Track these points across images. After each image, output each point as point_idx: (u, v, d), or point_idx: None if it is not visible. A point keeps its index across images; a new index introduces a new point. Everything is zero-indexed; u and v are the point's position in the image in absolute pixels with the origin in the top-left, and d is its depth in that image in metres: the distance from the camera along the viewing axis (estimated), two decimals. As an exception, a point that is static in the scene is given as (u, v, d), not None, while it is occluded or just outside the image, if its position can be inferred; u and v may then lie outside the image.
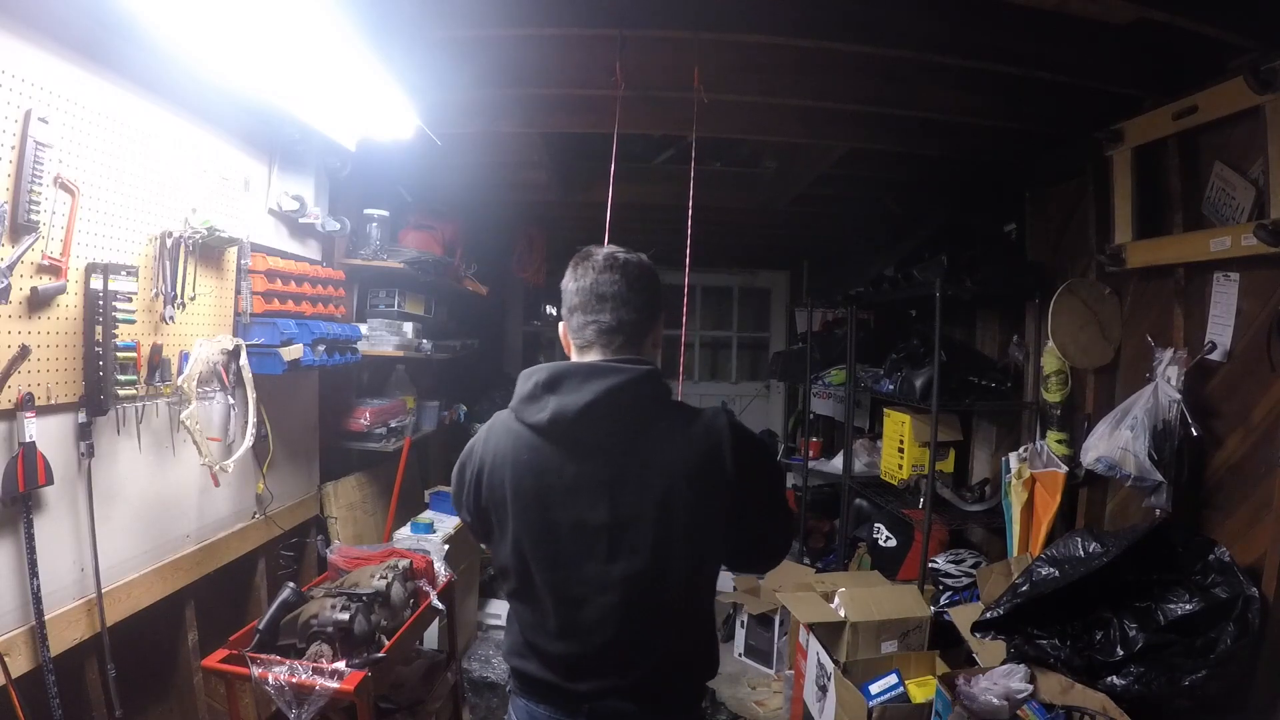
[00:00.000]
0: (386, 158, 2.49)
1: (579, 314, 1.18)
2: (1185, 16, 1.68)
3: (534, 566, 1.16)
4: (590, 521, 1.12)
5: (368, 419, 2.79)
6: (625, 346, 1.17)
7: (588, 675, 1.16)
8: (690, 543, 1.12)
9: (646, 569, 1.11)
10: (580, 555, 1.13)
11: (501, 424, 1.21)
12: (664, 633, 1.16)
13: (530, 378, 1.16)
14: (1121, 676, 1.76)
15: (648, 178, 3.56)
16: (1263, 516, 1.79)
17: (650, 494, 1.11)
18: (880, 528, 3.31)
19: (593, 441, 1.13)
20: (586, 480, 1.12)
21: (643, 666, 1.16)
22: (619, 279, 1.16)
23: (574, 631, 1.15)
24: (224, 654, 1.71)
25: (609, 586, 1.12)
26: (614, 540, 1.12)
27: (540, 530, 1.14)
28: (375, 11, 1.65)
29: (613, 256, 1.18)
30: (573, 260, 1.21)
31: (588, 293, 1.17)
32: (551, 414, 1.11)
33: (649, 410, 1.14)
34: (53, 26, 1.40)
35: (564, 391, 1.11)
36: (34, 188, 1.34)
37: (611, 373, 1.12)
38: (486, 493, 1.19)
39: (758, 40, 2.01)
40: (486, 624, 3.40)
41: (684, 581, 1.14)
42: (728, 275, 6.11)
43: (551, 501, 1.13)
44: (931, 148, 2.67)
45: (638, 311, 1.17)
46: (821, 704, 2.37)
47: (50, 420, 1.45)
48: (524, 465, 1.15)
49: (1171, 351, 2.04)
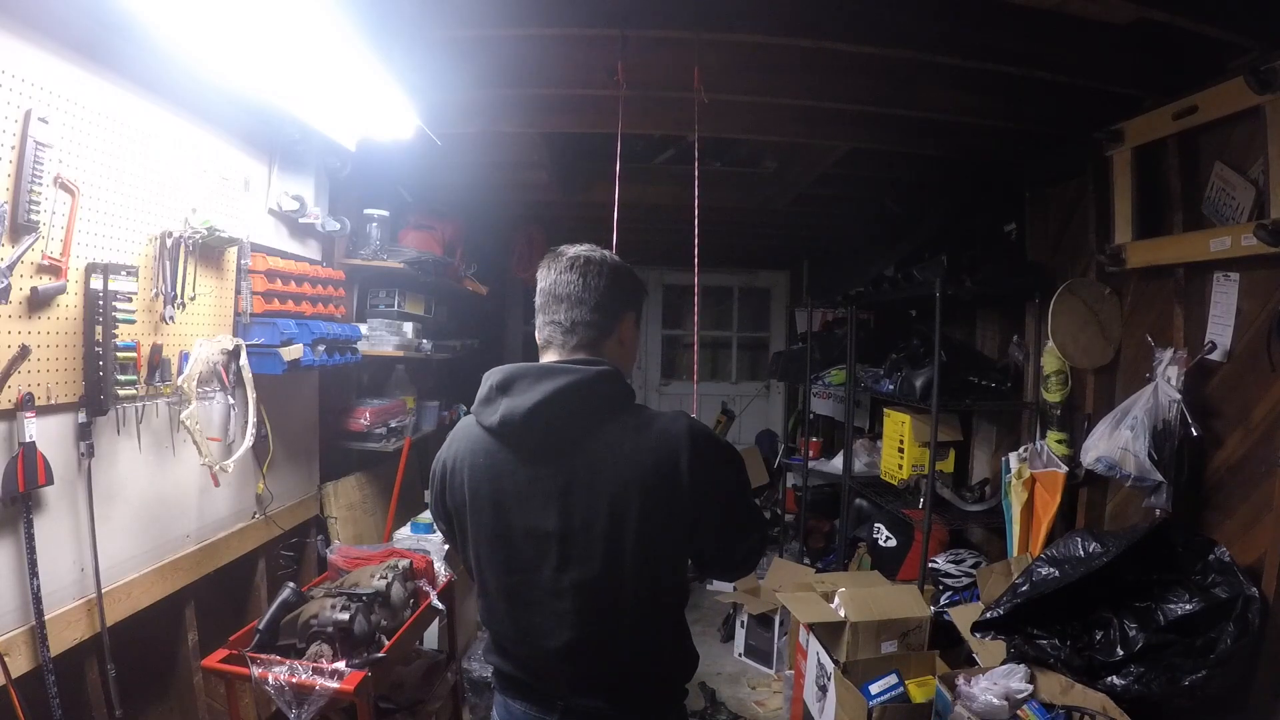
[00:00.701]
0: (386, 158, 2.49)
1: (540, 314, 1.18)
2: (1185, 17, 1.68)
3: (490, 571, 1.15)
4: (541, 527, 1.10)
5: (368, 419, 2.79)
6: (581, 347, 1.15)
7: (551, 677, 1.16)
8: (645, 551, 1.08)
9: (598, 576, 1.08)
10: (533, 561, 1.11)
11: (464, 427, 1.20)
12: (624, 637, 1.13)
13: (487, 380, 1.14)
14: (1121, 676, 1.76)
15: (648, 178, 3.56)
16: (1263, 516, 1.79)
17: (600, 501, 1.07)
18: (880, 528, 3.31)
19: (541, 445, 1.10)
20: (538, 485, 1.10)
21: (606, 670, 1.14)
22: (577, 279, 1.15)
23: (529, 636, 1.14)
24: (224, 654, 1.71)
25: (561, 593, 1.10)
26: (565, 547, 1.09)
27: (494, 535, 1.13)
28: (375, 11, 1.65)
29: (576, 256, 1.17)
30: (543, 259, 1.20)
31: (548, 293, 1.17)
32: (501, 416, 1.09)
33: (600, 413, 1.10)
34: (53, 26, 1.40)
35: (515, 393, 1.10)
36: (34, 188, 1.34)
37: (561, 373, 1.09)
38: (450, 495, 1.19)
39: (758, 40, 2.00)
40: (486, 624, 3.39)
41: (641, 588, 1.10)
42: (728, 275, 6.11)
43: (505, 506, 1.12)
44: (931, 148, 2.67)
45: (594, 312, 1.15)
46: (821, 704, 2.37)
47: (50, 420, 1.45)
48: (480, 469, 1.14)
49: (1171, 351, 2.04)
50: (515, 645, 1.17)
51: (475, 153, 2.99)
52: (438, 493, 1.23)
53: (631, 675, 1.16)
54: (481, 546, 1.15)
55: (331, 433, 2.76)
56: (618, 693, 1.15)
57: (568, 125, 2.59)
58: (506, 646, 1.20)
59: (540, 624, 1.12)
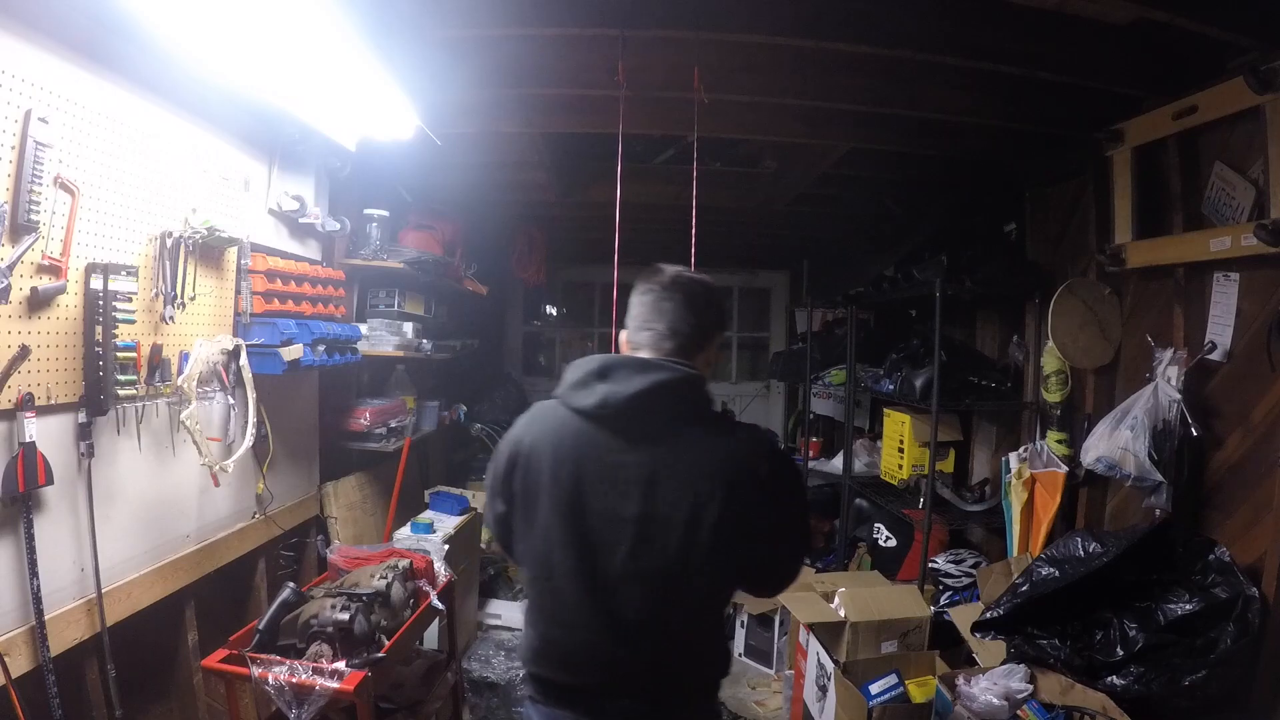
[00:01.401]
0: (386, 158, 2.49)
1: (638, 321, 1.24)
2: (1185, 16, 1.68)
3: (562, 553, 1.17)
4: (621, 512, 1.14)
5: (368, 419, 2.79)
6: (675, 354, 1.21)
7: (606, 667, 1.18)
8: (717, 545, 1.14)
9: (670, 564, 1.14)
10: (607, 545, 1.15)
11: (544, 410, 1.24)
12: (683, 626, 1.19)
13: (581, 366, 1.20)
14: (1121, 676, 1.76)
15: (647, 178, 3.56)
16: (1263, 516, 1.79)
17: (685, 492, 1.13)
18: (880, 528, 3.31)
19: (638, 431, 1.16)
20: (625, 471, 1.15)
21: (661, 660, 1.18)
22: (680, 297, 1.22)
23: (591, 620, 1.17)
24: (224, 654, 1.71)
25: (630, 578, 1.15)
26: (642, 533, 1.14)
27: (572, 516, 1.16)
28: (375, 11, 1.65)
29: (679, 276, 1.24)
30: (641, 275, 1.28)
31: (650, 306, 1.23)
32: (601, 398, 1.15)
33: (692, 411, 1.19)
34: (53, 26, 1.40)
35: (615, 380, 1.16)
36: (34, 188, 1.34)
37: (662, 368, 1.16)
38: (523, 476, 1.21)
39: (758, 40, 2.01)
40: (486, 624, 3.40)
41: (706, 580, 1.17)
42: (728, 275, 6.11)
43: (587, 488, 1.16)
44: (931, 148, 2.67)
45: (692, 328, 1.22)
46: (821, 704, 2.37)
47: (50, 420, 1.45)
48: (565, 450, 1.18)
49: (1171, 351, 2.04)
50: (574, 631, 1.18)
51: (475, 153, 2.99)
52: (505, 472, 1.24)
53: (683, 665, 1.21)
54: (554, 529, 1.17)
55: (331, 433, 2.76)
56: (666, 684, 1.19)
57: (567, 125, 2.59)
58: (559, 639, 1.20)
59: (607, 607, 1.16)
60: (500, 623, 3.40)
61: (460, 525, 2.97)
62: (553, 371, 6.01)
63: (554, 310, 6.20)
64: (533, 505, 1.20)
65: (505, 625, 3.38)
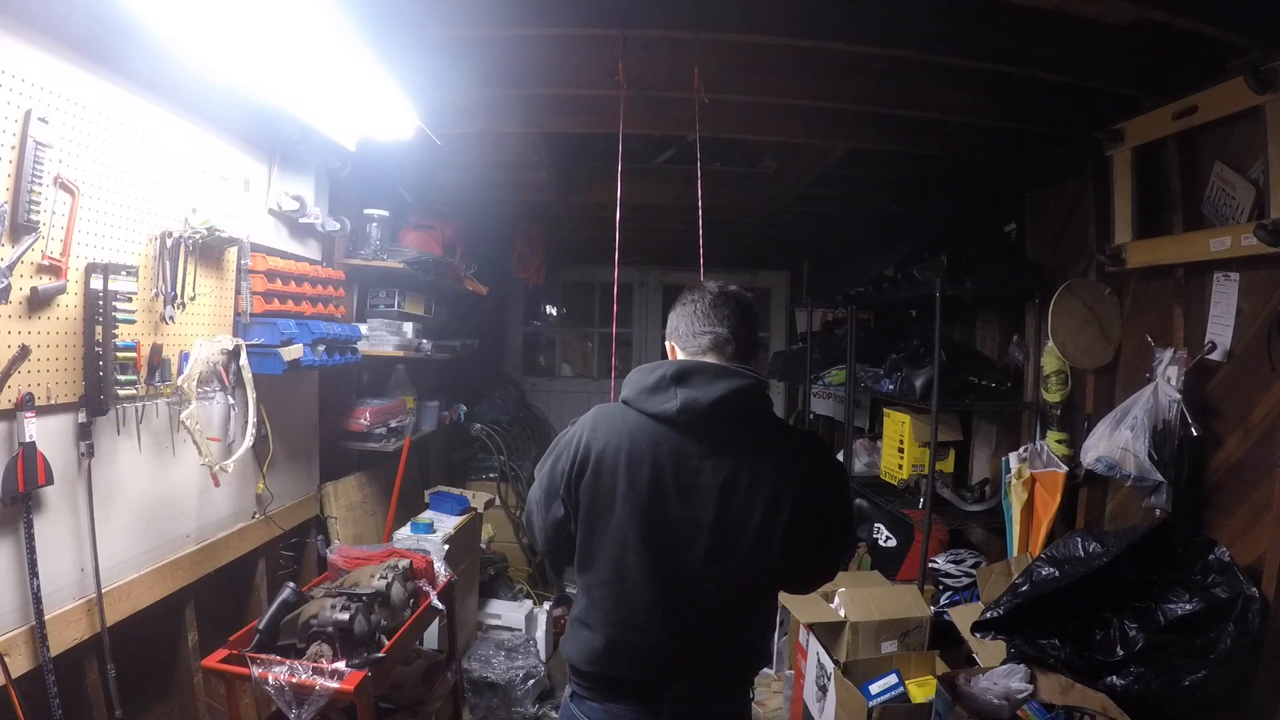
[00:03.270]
0: (386, 158, 2.49)
1: (693, 327, 1.27)
2: (1185, 16, 1.68)
3: (636, 556, 1.18)
4: (697, 516, 1.17)
5: (368, 419, 2.79)
6: (736, 357, 1.25)
7: (672, 662, 1.21)
8: (786, 548, 1.19)
9: (741, 568, 1.17)
10: (683, 546, 1.18)
11: (613, 414, 1.24)
12: (744, 625, 1.24)
13: (654, 371, 1.21)
14: (1121, 676, 1.76)
15: (647, 178, 3.56)
16: (1263, 516, 1.79)
17: (759, 499, 1.17)
18: (880, 528, 3.31)
19: (718, 436, 1.18)
20: (702, 476, 1.17)
21: (721, 654, 1.23)
22: (733, 304, 1.27)
23: (667, 623, 1.19)
24: (224, 654, 1.71)
25: (706, 581, 1.17)
26: (717, 536, 1.17)
27: (649, 520, 1.17)
28: (375, 11, 1.65)
29: (725, 287, 1.30)
30: (685, 290, 1.33)
31: (703, 314, 1.26)
32: (682, 403, 1.16)
33: (761, 417, 1.23)
34: (53, 26, 1.40)
35: (694, 386, 1.17)
36: (34, 188, 1.34)
37: (739, 375, 1.20)
38: (593, 480, 1.21)
39: (757, 40, 2.00)
40: (486, 624, 3.39)
41: (769, 582, 1.24)
42: (728, 275, 6.10)
43: (665, 491, 1.17)
44: (931, 148, 2.67)
45: (748, 333, 1.28)
46: (821, 704, 2.37)
47: (50, 420, 1.45)
48: (641, 454, 1.18)
49: (1171, 351, 2.04)
50: (643, 633, 1.20)
51: (475, 153, 2.99)
52: (572, 477, 1.23)
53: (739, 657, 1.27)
54: (630, 533, 1.18)
55: (331, 433, 2.76)
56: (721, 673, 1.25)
57: (568, 125, 2.59)
58: (627, 639, 1.21)
59: (679, 608, 1.19)
60: (500, 623, 3.39)
61: (460, 525, 2.97)
62: (553, 371, 6.00)
63: (554, 310, 6.20)
64: (605, 510, 1.20)
65: (505, 625, 3.38)
